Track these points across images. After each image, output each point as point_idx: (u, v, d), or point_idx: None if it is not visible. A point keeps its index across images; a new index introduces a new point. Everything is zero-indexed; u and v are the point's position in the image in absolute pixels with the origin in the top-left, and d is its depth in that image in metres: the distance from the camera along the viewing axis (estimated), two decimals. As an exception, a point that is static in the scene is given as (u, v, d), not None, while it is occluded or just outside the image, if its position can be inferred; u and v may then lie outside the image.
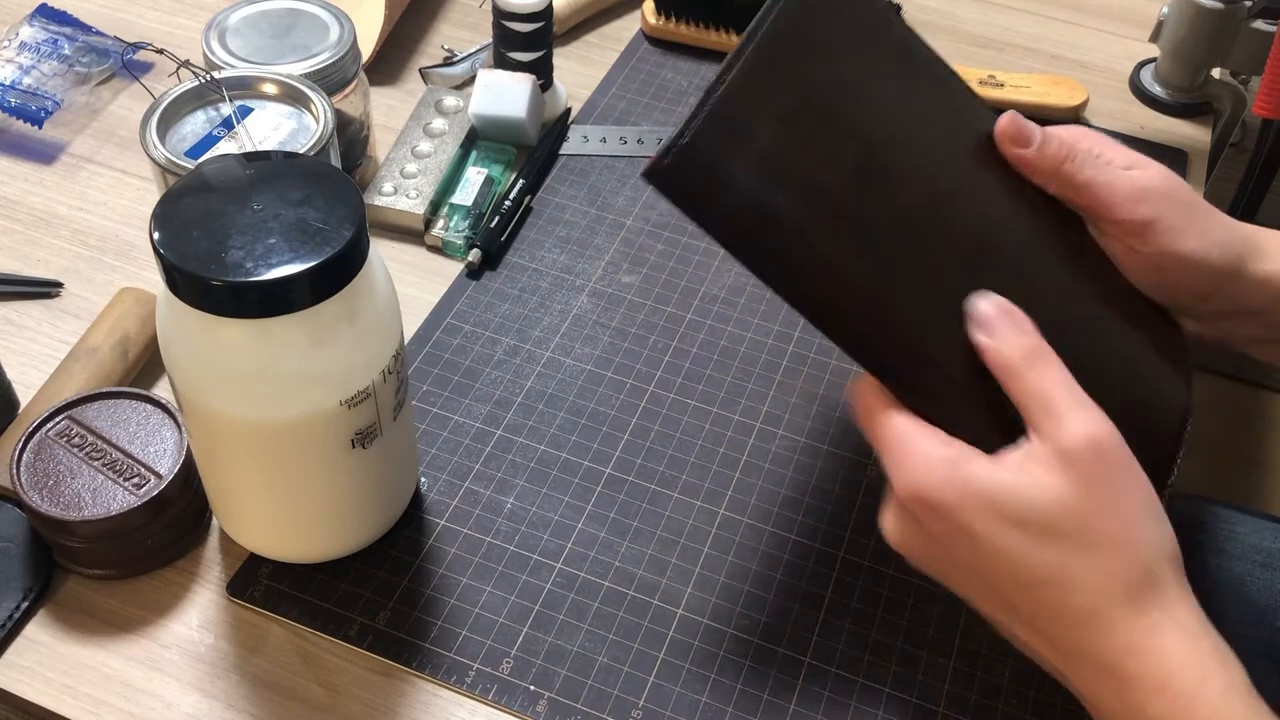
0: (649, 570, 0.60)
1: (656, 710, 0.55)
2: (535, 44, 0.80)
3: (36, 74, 0.83)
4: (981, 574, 0.49)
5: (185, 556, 0.60)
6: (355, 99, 0.75)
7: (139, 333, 0.66)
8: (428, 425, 0.66)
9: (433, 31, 0.93)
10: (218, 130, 0.65)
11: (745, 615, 0.59)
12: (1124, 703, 0.47)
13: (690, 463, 0.65)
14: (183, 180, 0.49)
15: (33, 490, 0.56)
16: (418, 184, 0.77)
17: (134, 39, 0.84)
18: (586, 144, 0.83)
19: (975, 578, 0.49)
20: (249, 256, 0.46)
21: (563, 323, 0.72)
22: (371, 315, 0.51)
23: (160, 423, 0.59)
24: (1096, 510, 0.48)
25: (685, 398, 0.68)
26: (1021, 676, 0.57)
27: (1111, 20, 0.99)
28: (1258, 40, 0.86)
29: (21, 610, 0.57)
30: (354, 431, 0.52)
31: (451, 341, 0.70)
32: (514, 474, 0.64)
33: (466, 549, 0.60)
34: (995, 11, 0.99)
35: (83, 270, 0.73)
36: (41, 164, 0.80)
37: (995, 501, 0.47)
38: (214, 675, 0.56)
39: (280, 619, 0.57)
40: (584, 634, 0.58)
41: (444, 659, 0.56)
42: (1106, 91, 0.91)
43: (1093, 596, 0.47)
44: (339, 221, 0.48)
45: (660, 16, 0.91)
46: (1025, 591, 0.48)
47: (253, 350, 0.49)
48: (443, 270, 0.75)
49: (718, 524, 0.62)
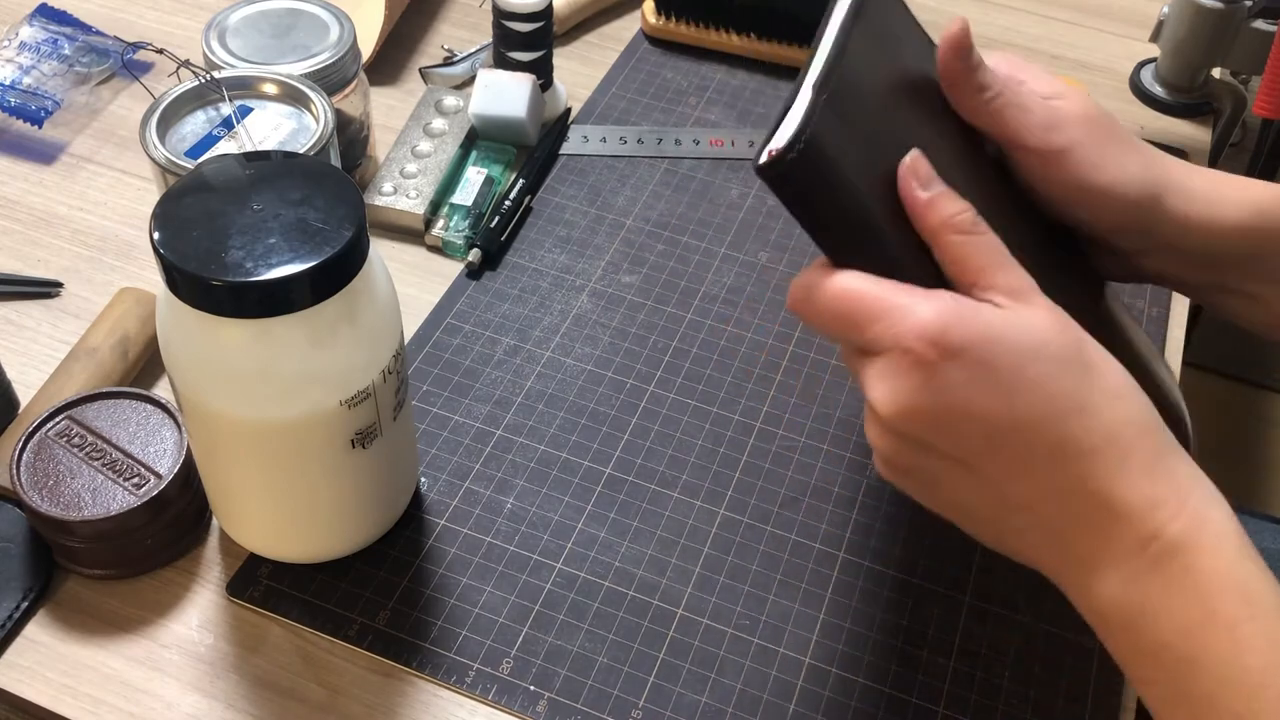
0: (649, 570, 0.60)
1: (656, 710, 0.55)
2: (535, 44, 0.80)
3: (36, 74, 0.83)
4: (996, 425, 0.45)
5: (185, 556, 0.60)
6: (355, 99, 0.75)
7: (139, 333, 0.66)
8: (428, 425, 0.66)
9: (433, 31, 0.93)
10: (218, 130, 0.65)
11: (745, 615, 0.59)
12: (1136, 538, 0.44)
13: (690, 463, 0.65)
14: (183, 180, 0.49)
15: (33, 490, 0.56)
16: (418, 184, 0.77)
17: (134, 39, 0.84)
18: (586, 144, 0.83)
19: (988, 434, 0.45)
20: (249, 256, 0.46)
21: (563, 323, 0.72)
22: (371, 315, 0.51)
23: (160, 423, 0.59)
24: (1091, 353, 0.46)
25: (685, 398, 0.68)
26: (1021, 676, 0.57)
27: (1111, 20, 0.99)
28: (1258, 40, 0.86)
29: (21, 610, 0.57)
30: (354, 431, 0.52)
31: (451, 341, 0.70)
32: (514, 474, 0.64)
33: (466, 549, 0.60)
34: (995, 11, 0.99)
35: (83, 270, 0.73)
36: (41, 164, 0.80)
37: (1008, 335, 0.44)
38: (214, 675, 0.56)
39: (280, 619, 0.57)
40: (584, 634, 0.58)
41: (444, 659, 0.56)
42: (1107, 91, 0.91)
43: (1116, 428, 0.45)
44: (339, 221, 0.48)
45: (660, 16, 0.91)
46: (1044, 429, 0.45)
47: (253, 350, 0.49)
48: (443, 270, 0.75)
49: (718, 524, 0.62)
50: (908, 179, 0.47)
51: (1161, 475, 0.45)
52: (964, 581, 0.60)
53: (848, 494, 0.64)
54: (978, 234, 0.47)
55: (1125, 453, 0.45)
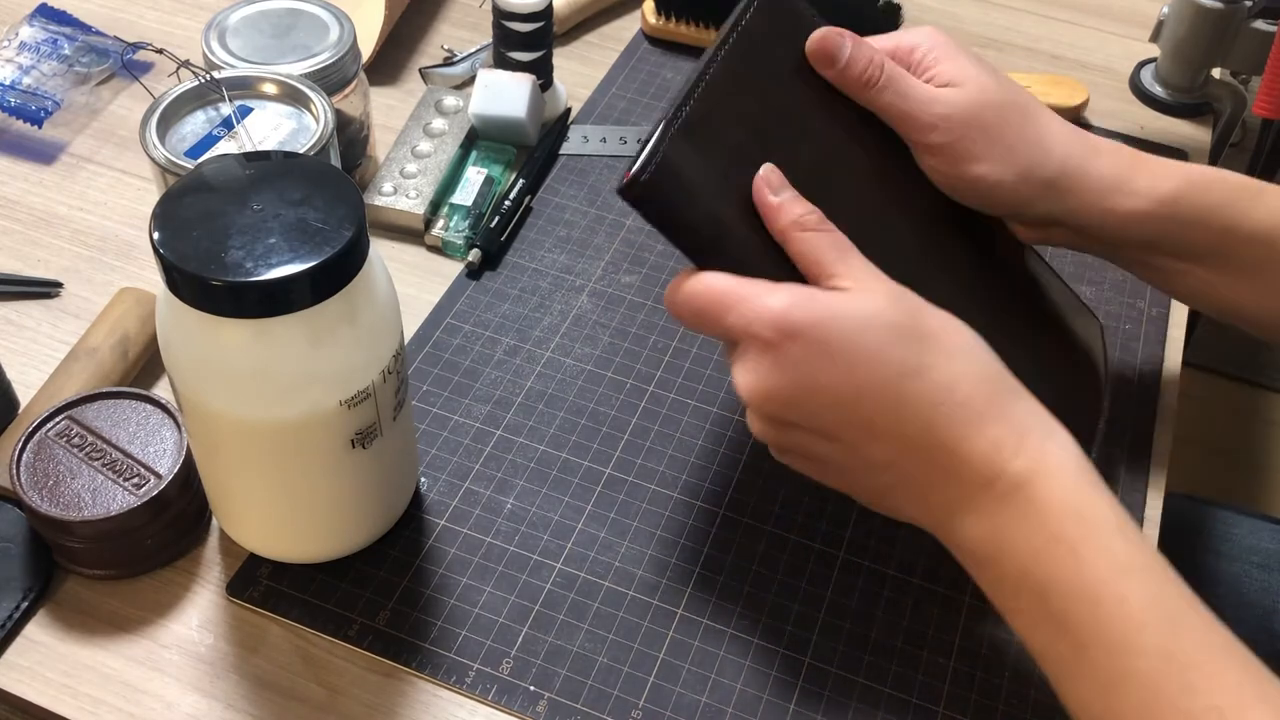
0: (649, 570, 0.60)
1: (656, 710, 0.55)
2: (535, 44, 0.80)
3: (36, 74, 0.83)
4: (841, 394, 0.49)
5: (185, 556, 0.60)
6: (355, 99, 0.75)
7: (139, 333, 0.66)
8: (428, 425, 0.66)
9: (433, 31, 0.93)
10: (218, 130, 0.65)
11: (745, 615, 0.59)
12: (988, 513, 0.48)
13: (690, 463, 0.65)
14: (183, 180, 0.49)
15: (33, 490, 0.56)
16: (418, 184, 0.77)
17: (134, 39, 0.85)
18: (586, 144, 0.83)
19: (836, 404, 0.49)
20: (249, 256, 0.46)
21: (563, 323, 0.72)
22: (371, 315, 0.51)
23: (160, 423, 0.59)
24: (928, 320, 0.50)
25: (685, 398, 0.68)
26: (1021, 676, 0.57)
27: (1111, 20, 0.99)
28: (1258, 40, 0.86)
29: (21, 610, 0.57)
30: (354, 431, 0.52)
31: (451, 341, 0.70)
32: (514, 474, 0.64)
33: (466, 549, 0.60)
34: (995, 11, 0.99)
35: (83, 270, 0.73)
36: (41, 164, 0.80)
37: (843, 314, 0.48)
38: (214, 675, 0.56)
39: (280, 619, 0.57)
40: (584, 634, 0.58)
41: (444, 659, 0.56)
42: (1107, 91, 0.91)
43: (952, 382, 0.48)
44: (339, 221, 0.48)
45: (660, 16, 0.91)
46: (884, 392, 0.48)
47: (253, 350, 0.49)
48: (443, 270, 0.75)
49: (718, 524, 0.62)
50: (760, 187, 0.52)
51: (998, 418, 0.48)
52: (964, 581, 0.60)
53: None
54: (823, 230, 0.51)
55: (963, 402, 0.48)
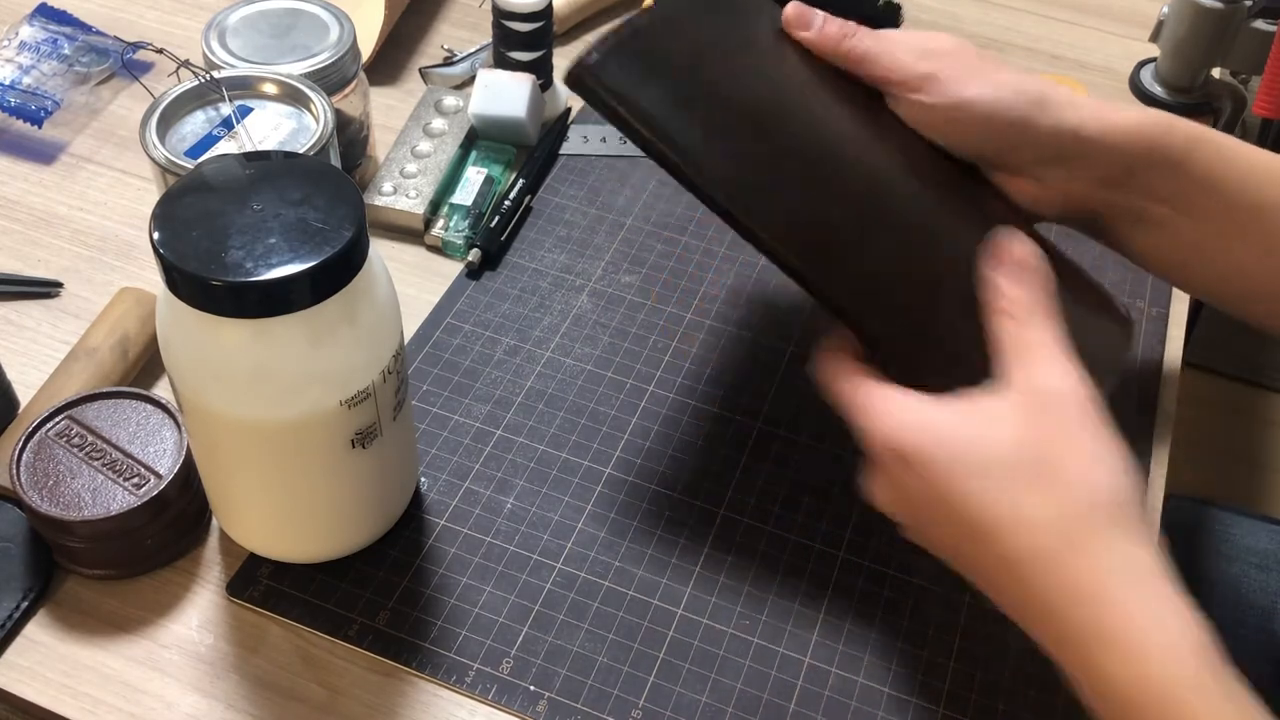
0: (649, 570, 0.60)
1: (656, 710, 0.55)
2: (535, 44, 0.80)
3: (36, 74, 0.83)
4: (944, 525, 0.49)
5: (185, 556, 0.60)
6: (355, 99, 0.75)
7: (139, 333, 0.66)
8: (428, 425, 0.66)
9: (433, 31, 0.93)
10: (218, 130, 0.65)
11: (745, 615, 0.59)
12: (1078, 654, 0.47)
13: (690, 463, 0.65)
14: (183, 180, 0.49)
15: (32, 490, 0.56)
16: (418, 184, 0.77)
17: (134, 39, 0.85)
18: (586, 144, 0.83)
19: (942, 529, 0.50)
20: (249, 256, 0.46)
21: (563, 323, 0.72)
22: (371, 315, 0.51)
23: (160, 423, 0.59)
24: (1051, 449, 0.49)
25: (685, 398, 0.68)
26: (1021, 676, 0.57)
27: (1111, 20, 0.99)
28: (1258, 40, 0.86)
29: (21, 610, 0.57)
30: (354, 431, 0.52)
31: (451, 341, 0.70)
32: (514, 474, 0.64)
33: (466, 549, 0.60)
34: (995, 11, 0.99)
35: (83, 270, 0.73)
36: (41, 164, 0.80)
37: (955, 451, 0.48)
38: (214, 675, 0.56)
39: (280, 619, 0.57)
40: (584, 634, 0.58)
41: (444, 659, 0.56)
42: (1106, 91, 0.91)
43: (1041, 535, 0.47)
44: (339, 221, 0.48)
45: (660, 16, 0.91)
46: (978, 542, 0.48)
47: (253, 350, 0.49)
48: (443, 270, 0.75)
49: (718, 524, 0.62)
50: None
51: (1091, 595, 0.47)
52: (964, 581, 0.60)
53: (848, 494, 0.64)
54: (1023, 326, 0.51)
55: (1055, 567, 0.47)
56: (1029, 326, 0.51)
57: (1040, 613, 0.48)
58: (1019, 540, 0.47)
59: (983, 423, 0.49)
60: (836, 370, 0.54)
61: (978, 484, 0.48)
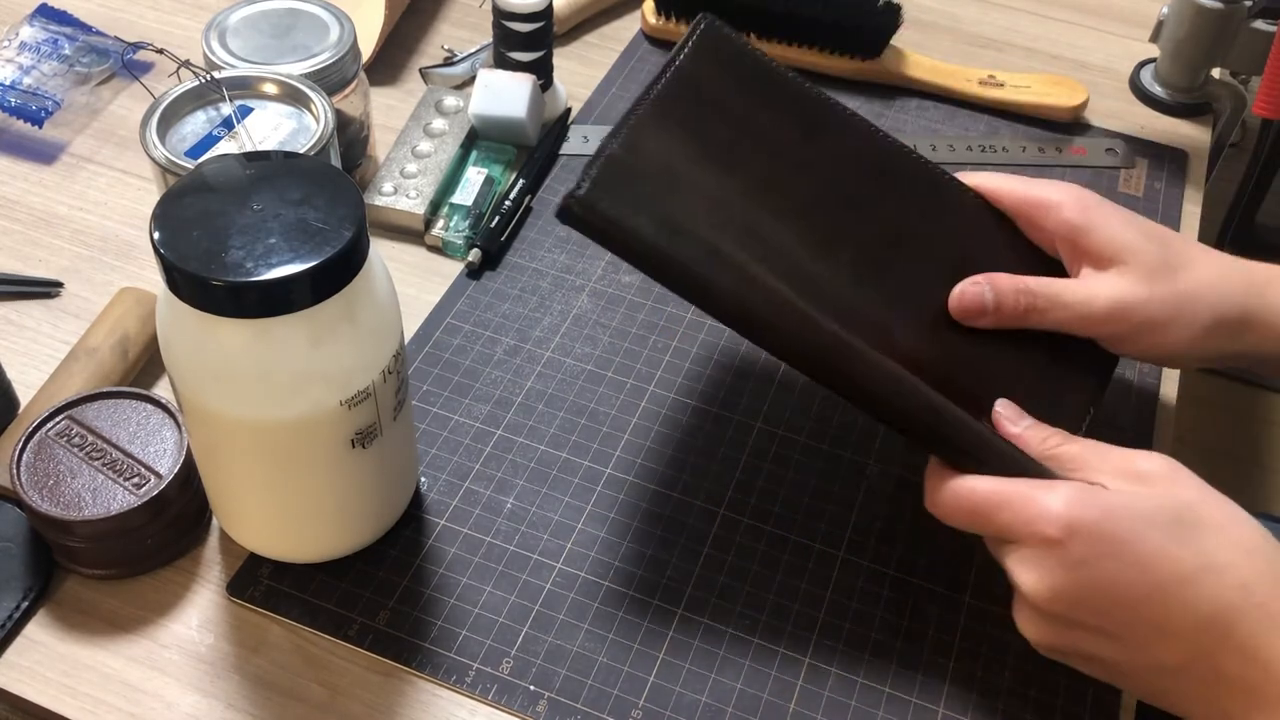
0: (649, 570, 0.60)
1: (656, 710, 0.55)
2: (535, 44, 0.80)
3: (37, 74, 0.83)
4: (1133, 593, 0.48)
5: (185, 556, 0.60)
6: (355, 99, 0.75)
7: (139, 333, 0.66)
8: (428, 425, 0.66)
9: (433, 31, 0.93)
10: (218, 130, 0.65)
11: (745, 615, 0.59)
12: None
13: (690, 463, 0.65)
14: (183, 180, 0.49)
15: (33, 490, 0.56)
16: (418, 184, 0.77)
17: (134, 39, 0.85)
18: (586, 144, 0.83)
19: (1127, 603, 0.48)
20: (249, 256, 0.46)
21: (563, 323, 0.72)
22: (371, 315, 0.51)
23: (160, 423, 0.59)
24: (1211, 512, 0.49)
25: (685, 398, 0.68)
26: (1021, 676, 0.57)
27: (1111, 20, 0.99)
28: (1258, 40, 0.86)
29: (21, 610, 0.57)
30: (354, 431, 0.52)
31: (451, 341, 0.70)
32: (514, 474, 0.64)
33: (466, 549, 0.60)
34: (995, 11, 0.99)
35: (83, 270, 0.73)
36: (41, 164, 0.80)
37: (1126, 510, 0.48)
38: (214, 675, 0.56)
39: (280, 619, 0.57)
40: (584, 634, 0.58)
41: (444, 659, 0.56)
42: (1106, 91, 0.91)
43: (1248, 583, 0.47)
44: (339, 221, 0.48)
45: (660, 16, 0.91)
46: (1179, 591, 0.47)
47: (253, 350, 0.49)
48: (443, 270, 0.75)
49: (718, 524, 0.62)
50: (1001, 423, 0.55)
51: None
52: (964, 582, 0.61)
53: (848, 494, 0.64)
54: (1072, 442, 0.53)
55: (1261, 604, 0.47)
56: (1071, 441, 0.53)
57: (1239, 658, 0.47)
58: (1220, 578, 0.47)
59: (1129, 494, 0.49)
60: (957, 489, 0.52)
61: (1159, 535, 0.48)
